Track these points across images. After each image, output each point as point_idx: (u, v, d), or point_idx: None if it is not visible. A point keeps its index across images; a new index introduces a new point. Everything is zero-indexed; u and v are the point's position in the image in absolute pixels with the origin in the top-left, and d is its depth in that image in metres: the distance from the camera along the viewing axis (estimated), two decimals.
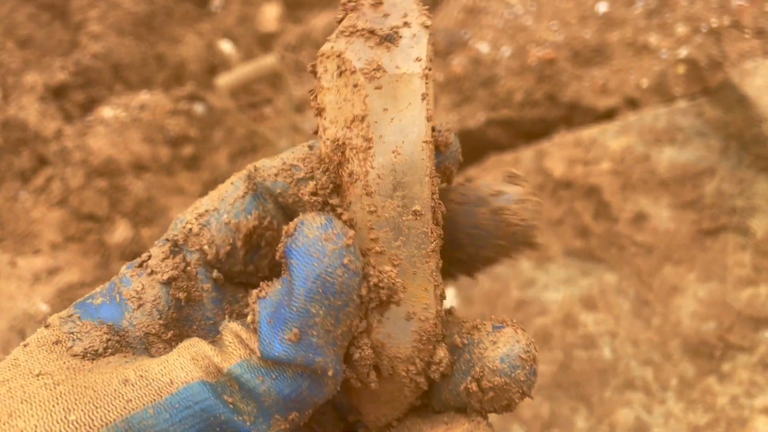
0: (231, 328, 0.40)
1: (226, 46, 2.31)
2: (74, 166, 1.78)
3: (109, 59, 2.14)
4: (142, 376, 0.37)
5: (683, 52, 1.84)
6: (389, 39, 0.39)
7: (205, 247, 0.44)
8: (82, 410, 0.35)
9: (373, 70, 0.38)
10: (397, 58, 0.39)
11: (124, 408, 0.35)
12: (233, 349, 0.38)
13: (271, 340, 0.37)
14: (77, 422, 0.35)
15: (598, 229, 1.44)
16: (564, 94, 2.00)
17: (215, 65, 2.29)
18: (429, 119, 0.40)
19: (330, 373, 0.38)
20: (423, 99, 0.39)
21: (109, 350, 0.41)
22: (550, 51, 2.12)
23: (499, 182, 0.44)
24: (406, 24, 0.40)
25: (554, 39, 2.15)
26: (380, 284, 0.39)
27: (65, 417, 0.35)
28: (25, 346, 0.40)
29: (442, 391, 0.43)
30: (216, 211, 0.45)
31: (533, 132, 2.02)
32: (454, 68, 2.21)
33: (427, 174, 0.40)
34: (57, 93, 2.03)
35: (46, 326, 0.41)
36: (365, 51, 0.39)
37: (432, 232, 0.41)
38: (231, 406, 0.37)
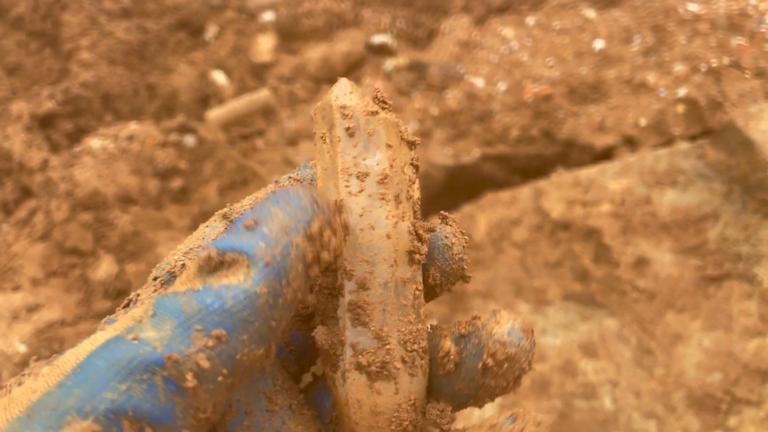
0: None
1: (219, 77, 2.28)
2: (59, 198, 1.72)
3: (99, 88, 2.10)
4: (54, 364, 0.34)
5: (682, 92, 1.82)
6: None
7: None
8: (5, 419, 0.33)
9: None
10: None
11: (29, 400, 0.33)
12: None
13: (219, 237, 0.36)
14: None
15: (598, 273, 1.39)
16: (560, 131, 1.97)
17: (208, 96, 2.26)
18: None
19: (267, 260, 0.35)
20: None
21: None
22: (546, 87, 2.10)
23: (432, 222, 0.47)
24: None
25: (550, 75, 2.13)
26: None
27: None
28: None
29: (453, 382, 0.45)
30: (200, 247, 0.45)
31: (529, 168, 1.99)
32: (449, 102, 2.19)
33: None
34: (44, 122, 1.99)
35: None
36: None
37: None
38: (134, 342, 0.33)
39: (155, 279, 0.44)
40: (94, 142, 1.92)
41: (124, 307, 0.43)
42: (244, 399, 0.43)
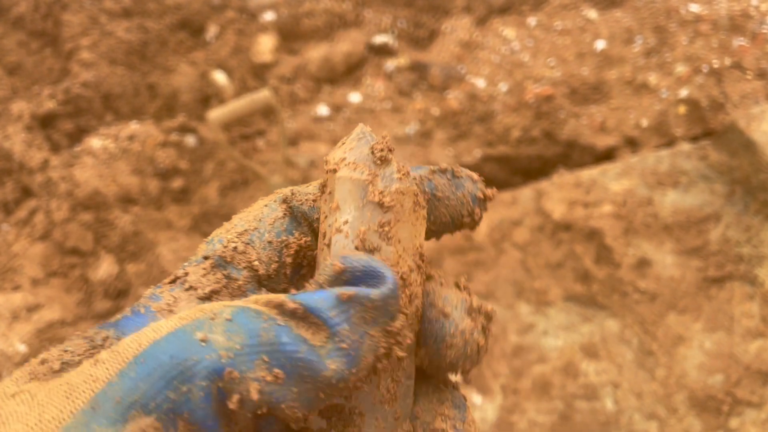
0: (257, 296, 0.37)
1: (219, 77, 2.28)
2: (59, 198, 1.72)
3: (99, 88, 2.10)
4: (114, 350, 0.33)
5: (684, 93, 1.81)
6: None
7: (255, 263, 0.43)
8: (55, 406, 0.32)
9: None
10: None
11: (91, 389, 0.32)
12: (251, 298, 0.35)
13: (337, 254, 0.37)
14: (50, 419, 0.31)
15: (600, 274, 1.39)
16: (562, 132, 1.97)
17: (208, 96, 2.26)
18: None
19: (344, 346, 0.35)
20: None
21: None
22: (547, 87, 2.10)
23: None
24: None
25: (552, 75, 2.13)
26: None
27: (40, 419, 0.31)
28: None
29: None
30: (256, 230, 0.44)
31: (531, 169, 1.99)
32: (450, 102, 2.18)
33: None
34: (44, 122, 1.98)
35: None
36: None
37: None
38: (202, 343, 0.32)
39: (206, 258, 0.43)
40: (95, 142, 1.91)
41: (170, 282, 0.42)
42: None
